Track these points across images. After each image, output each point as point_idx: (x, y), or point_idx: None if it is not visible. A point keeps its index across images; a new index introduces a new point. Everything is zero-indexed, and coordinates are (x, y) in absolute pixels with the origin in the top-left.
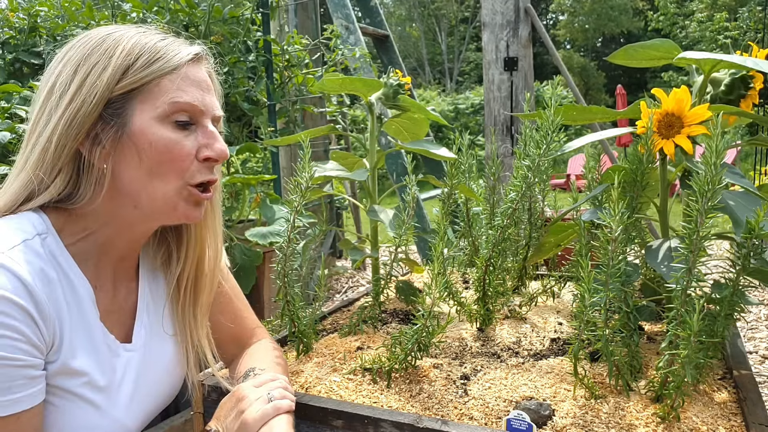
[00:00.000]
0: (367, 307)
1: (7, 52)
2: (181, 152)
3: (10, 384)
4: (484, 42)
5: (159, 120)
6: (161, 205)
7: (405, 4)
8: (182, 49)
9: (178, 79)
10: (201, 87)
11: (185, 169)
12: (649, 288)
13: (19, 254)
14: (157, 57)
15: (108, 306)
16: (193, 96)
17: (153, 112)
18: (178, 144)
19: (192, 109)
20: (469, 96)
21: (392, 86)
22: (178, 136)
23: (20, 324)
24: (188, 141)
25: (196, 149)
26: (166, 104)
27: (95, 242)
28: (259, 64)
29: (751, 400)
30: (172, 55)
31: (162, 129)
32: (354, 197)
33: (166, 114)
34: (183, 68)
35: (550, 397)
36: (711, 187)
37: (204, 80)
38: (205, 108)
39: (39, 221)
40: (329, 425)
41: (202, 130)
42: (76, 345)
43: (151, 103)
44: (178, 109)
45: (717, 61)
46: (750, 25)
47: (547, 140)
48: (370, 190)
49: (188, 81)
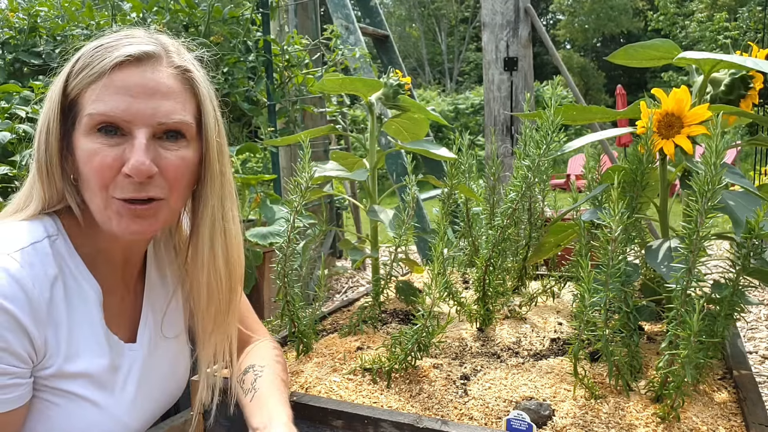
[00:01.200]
0: (367, 307)
1: (7, 52)
2: (101, 163)
3: None
4: (484, 42)
5: (85, 133)
6: (100, 219)
7: (405, 4)
8: (114, 52)
9: (101, 87)
10: (131, 92)
11: (107, 182)
12: (649, 288)
13: (24, 256)
14: (87, 63)
15: (116, 308)
16: (114, 105)
17: (80, 126)
18: (98, 155)
19: (110, 120)
20: (469, 96)
21: (392, 86)
22: (100, 146)
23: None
24: (112, 151)
25: (121, 162)
26: (85, 117)
27: (97, 246)
28: (259, 64)
29: (751, 400)
30: (98, 62)
31: (87, 141)
32: (354, 197)
33: (88, 127)
34: (107, 75)
35: (550, 397)
36: (711, 187)
37: (142, 84)
38: (132, 117)
39: (51, 224)
40: (329, 425)
41: (130, 142)
42: (79, 346)
43: (80, 115)
44: (94, 122)
45: (717, 61)
46: (750, 25)
47: (547, 140)
48: (370, 190)
49: (112, 88)
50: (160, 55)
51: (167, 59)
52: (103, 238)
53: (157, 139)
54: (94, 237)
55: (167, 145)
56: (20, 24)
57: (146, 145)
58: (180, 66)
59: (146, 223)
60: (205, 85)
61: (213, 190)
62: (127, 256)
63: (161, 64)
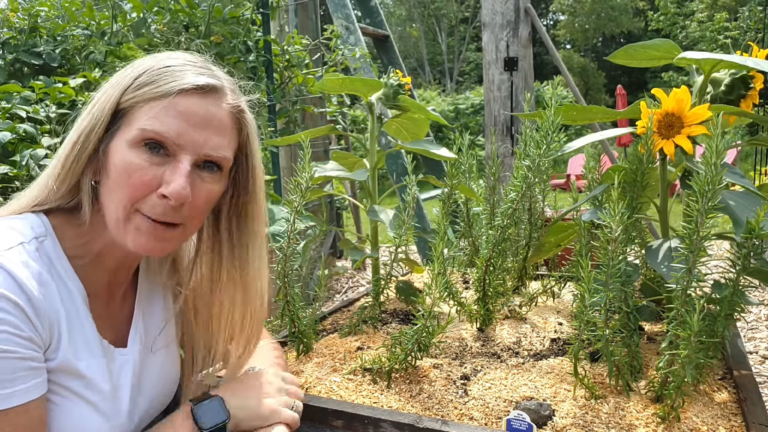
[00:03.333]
0: (367, 307)
1: (8, 52)
2: (140, 179)
3: (13, 376)
4: (484, 42)
5: (129, 144)
6: (115, 231)
7: (405, 4)
8: (182, 78)
9: (161, 106)
10: (190, 121)
11: (138, 197)
12: (649, 288)
13: (16, 255)
14: (153, 80)
15: (103, 312)
16: (170, 127)
17: (127, 135)
18: (138, 171)
19: (161, 138)
20: (469, 96)
21: (392, 86)
22: (142, 162)
23: (15, 319)
24: (152, 170)
25: (158, 182)
26: (136, 129)
27: (92, 250)
28: (260, 64)
29: (751, 400)
30: (166, 82)
31: (130, 153)
32: (354, 197)
33: (136, 140)
34: (174, 97)
35: (550, 397)
36: (711, 187)
37: (202, 115)
38: (182, 142)
39: (38, 224)
40: (329, 425)
41: (173, 164)
42: (75, 346)
43: (129, 126)
44: (144, 137)
45: (717, 61)
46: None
47: (548, 140)
48: (370, 190)
49: (174, 111)
50: (222, 92)
51: (225, 96)
52: (104, 244)
53: (195, 167)
54: (94, 240)
55: (203, 175)
56: (20, 24)
57: (189, 172)
58: (236, 105)
59: (162, 245)
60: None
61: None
62: (120, 264)
63: (221, 99)
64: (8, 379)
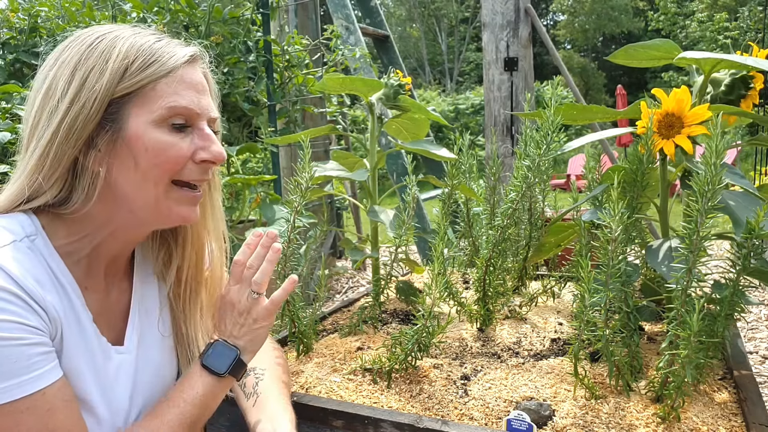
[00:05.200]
0: (367, 307)
1: (8, 52)
2: (178, 155)
3: (28, 362)
4: (484, 42)
5: (155, 124)
6: (155, 210)
7: (405, 5)
8: (178, 51)
9: (174, 82)
10: (197, 89)
11: (177, 170)
12: (649, 288)
13: (9, 253)
14: (154, 60)
15: (99, 308)
16: (190, 99)
17: (149, 116)
18: (174, 147)
19: (188, 112)
20: (470, 96)
21: (393, 86)
22: (174, 139)
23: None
24: (184, 143)
25: (192, 151)
26: (163, 108)
27: (90, 244)
28: (260, 64)
29: (751, 400)
30: (167, 58)
31: (158, 133)
32: (354, 197)
33: (163, 118)
34: (179, 71)
35: (551, 397)
36: (711, 187)
37: (200, 82)
38: (201, 110)
39: (28, 222)
40: (329, 425)
41: (198, 133)
42: (71, 345)
43: (147, 107)
44: (175, 113)
45: (717, 61)
46: (750, 25)
47: (548, 140)
48: (370, 191)
49: (184, 84)
50: (201, 57)
51: (201, 61)
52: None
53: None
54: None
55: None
56: (20, 24)
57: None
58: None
59: (197, 209)
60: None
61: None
62: (118, 254)
63: (202, 64)
64: (24, 366)
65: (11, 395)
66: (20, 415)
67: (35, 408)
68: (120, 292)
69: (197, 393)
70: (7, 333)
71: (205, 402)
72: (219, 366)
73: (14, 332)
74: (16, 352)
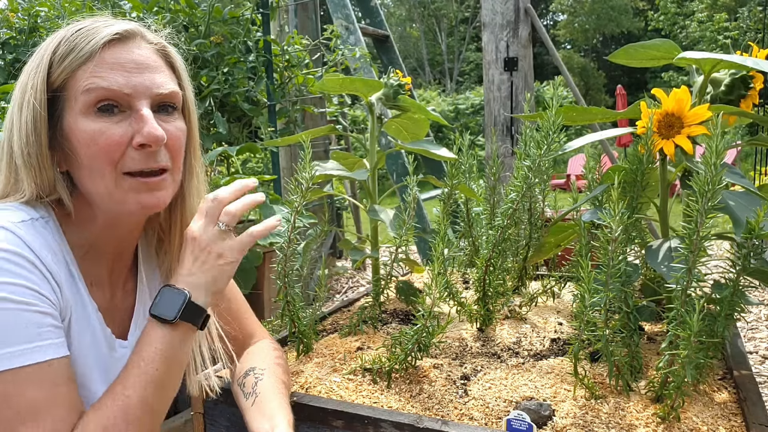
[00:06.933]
0: (367, 307)
1: (7, 52)
2: (109, 141)
3: (39, 330)
4: (484, 42)
5: (82, 113)
6: (109, 201)
7: (405, 5)
8: (98, 33)
9: (92, 66)
10: (126, 68)
11: (116, 159)
12: (649, 288)
13: (26, 228)
14: (72, 47)
15: (105, 304)
16: (112, 80)
17: (76, 107)
18: (104, 134)
19: (112, 94)
20: (469, 96)
21: (392, 86)
22: (102, 125)
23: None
24: (118, 128)
25: (129, 136)
26: (81, 93)
27: (88, 239)
28: (259, 64)
29: (751, 400)
30: (85, 43)
31: (86, 122)
32: (354, 197)
33: (87, 105)
34: (100, 53)
35: (551, 397)
36: (711, 187)
37: (133, 60)
38: (132, 90)
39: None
40: (329, 425)
41: (134, 115)
42: (78, 329)
43: (72, 98)
44: (96, 98)
45: (717, 61)
46: (750, 25)
47: (548, 140)
48: (370, 190)
49: (106, 65)
50: (140, 34)
51: (144, 36)
52: (97, 229)
53: (155, 113)
54: (87, 229)
55: (164, 118)
56: (20, 24)
57: (152, 115)
58: (158, 43)
59: (159, 194)
60: (180, 58)
61: (197, 160)
62: (119, 249)
63: (143, 41)
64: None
65: (20, 360)
66: (26, 384)
67: (41, 379)
68: (125, 293)
69: (156, 348)
70: (20, 297)
71: (167, 355)
72: (167, 312)
73: (28, 297)
74: (28, 317)
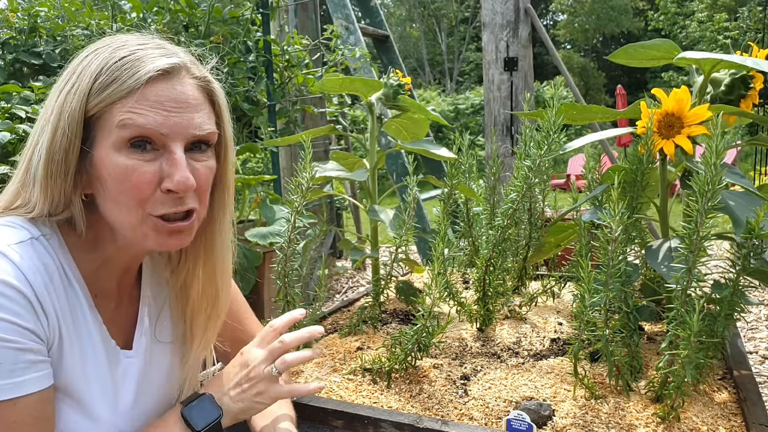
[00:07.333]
0: (367, 307)
1: (7, 52)
2: (140, 180)
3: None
4: (484, 42)
5: (115, 147)
6: (132, 234)
7: (405, 5)
8: (143, 67)
9: (132, 102)
10: (166, 107)
11: (145, 198)
12: (649, 288)
13: (23, 250)
14: (113, 78)
15: (110, 314)
16: (150, 119)
17: (109, 139)
18: (136, 171)
19: (147, 132)
20: (469, 96)
21: (392, 86)
22: (135, 162)
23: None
24: (150, 167)
25: (160, 176)
26: (116, 132)
27: (101, 256)
28: (259, 64)
29: (751, 400)
30: (127, 76)
31: (118, 156)
32: (354, 197)
33: (121, 140)
34: (139, 90)
35: (550, 397)
36: (711, 187)
37: (174, 98)
38: (169, 131)
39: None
40: (329, 425)
41: (167, 156)
42: (75, 348)
43: (107, 130)
44: (129, 134)
45: (717, 61)
46: (750, 25)
47: (548, 140)
48: (370, 191)
49: (146, 102)
50: (184, 67)
51: (189, 70)
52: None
53: (188, 151)
54: (102, 247)
55: (197, 156)
56: (20, 24)
57: (185, 159)
58: (201, 77)
59: (184, 236)
60: (223, 95)
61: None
62: (129, 265)
63: (187, 75)
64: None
65: None
66: None
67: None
68: (131, 300)
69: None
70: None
71: None
72: (198, 421)
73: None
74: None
